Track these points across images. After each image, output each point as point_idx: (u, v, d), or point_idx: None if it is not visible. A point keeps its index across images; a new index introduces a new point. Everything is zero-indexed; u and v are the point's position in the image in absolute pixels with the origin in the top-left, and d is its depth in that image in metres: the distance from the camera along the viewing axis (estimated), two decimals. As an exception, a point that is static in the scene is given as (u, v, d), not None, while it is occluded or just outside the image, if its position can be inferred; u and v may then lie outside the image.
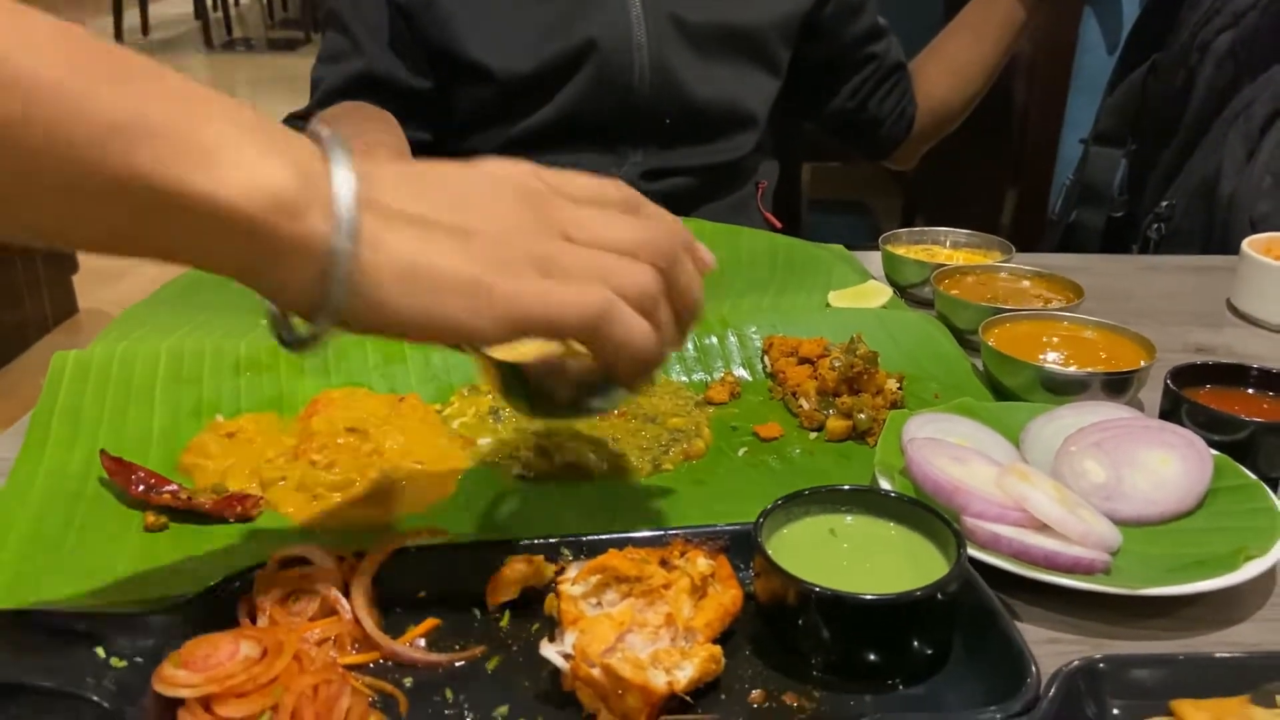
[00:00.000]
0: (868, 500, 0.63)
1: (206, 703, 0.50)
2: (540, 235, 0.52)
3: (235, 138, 0.47)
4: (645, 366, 0.55)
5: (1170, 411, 0.80)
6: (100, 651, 0.52)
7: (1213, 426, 0.76)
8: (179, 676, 0.50)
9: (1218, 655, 0.56)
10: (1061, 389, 0.84)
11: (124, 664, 0.52)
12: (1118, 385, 0.84)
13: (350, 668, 0.55)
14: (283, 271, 0.48)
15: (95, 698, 0.48)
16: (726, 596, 0.57)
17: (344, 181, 0.48)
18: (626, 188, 0.57)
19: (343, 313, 0.49)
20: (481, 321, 0.50)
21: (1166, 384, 0.80)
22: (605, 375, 0.57)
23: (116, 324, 0.98)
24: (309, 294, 0.49)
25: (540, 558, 0.60)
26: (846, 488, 0.63)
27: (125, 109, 0.44)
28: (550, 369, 0.60)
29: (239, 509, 0.69)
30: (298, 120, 1.25)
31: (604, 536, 0.62)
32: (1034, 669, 0.51)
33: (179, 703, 0.50)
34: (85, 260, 3.31)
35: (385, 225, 0.49)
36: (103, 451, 0.72)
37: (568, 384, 0.61)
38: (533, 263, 0.51)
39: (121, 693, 0.49)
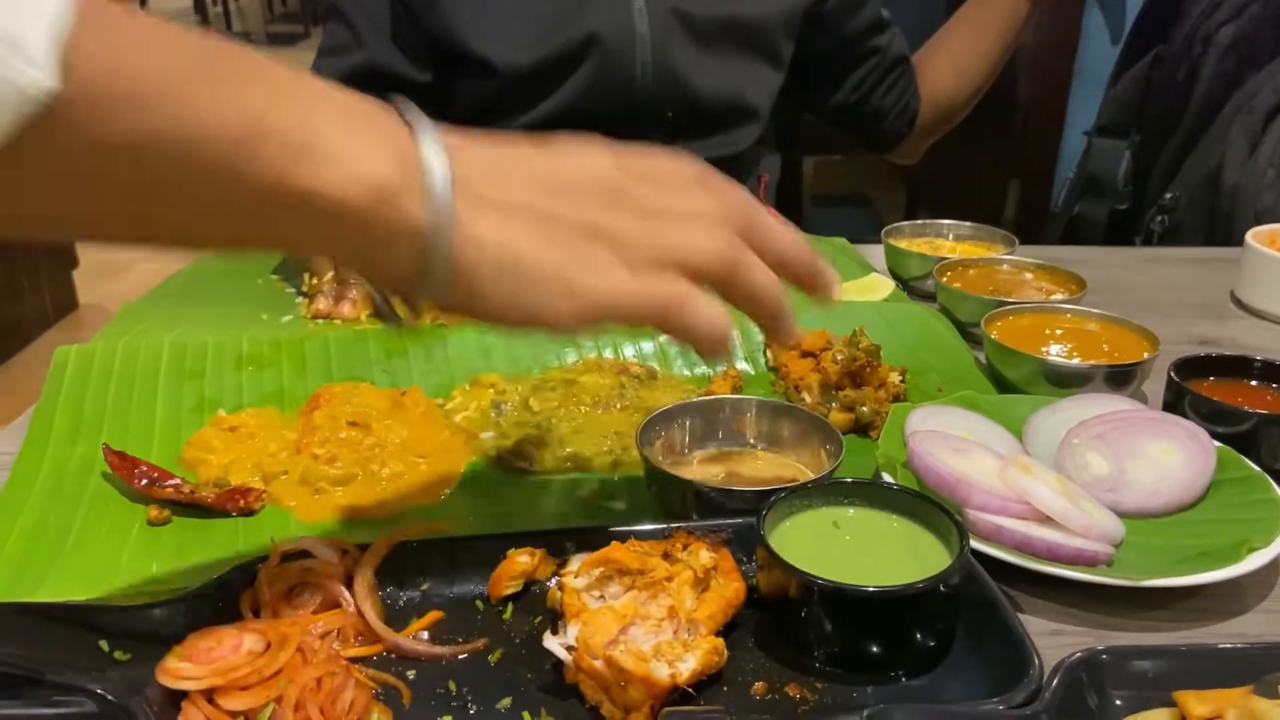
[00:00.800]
0: (870, 493, 0.63)
1: (210, 695, 0.50)
2: (619, 219, 0.54)
3: (335, 128, 0.48)
4: (719, 346, 0.56)
5: (1173, 403, 0.80)
6: (104, 644, 0.52)
7: (1216, 418, 0.75)
8: (183, 669, 0.51)
9: (1220, 646, 0.56)
10: (1064, 381, 0.84)
11: (128, 657, 0.52)
12: (1121, 377, 0.83)
13: (353, 660, 0.55)
14: (387, 255, 0.50)
15: (99, 690, 0.48)
16: (729, 589, 0.57)
17: (437, 164, 0.49)
18: (698, 164, 0.58)
19: (441, 295, 0.51)
20: (561, 315, 0.52)
21: (1170, 376, 0.80)
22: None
23: (118, 319, 0.98)
24: (411, 276, 0.50)
25: (543, 551, 0.60)
26: (849, 480, 0.63)
27: (244, 116, 0.45)
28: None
29: (241, 503, 0.69)
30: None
31: (606, 529, 0.62)
32: (1036, 660, 0.51)
33: (183, 695, 0.50)
34: (85, 256, 3.31)
35: (475, 210, 0.50)
36: (106, 446, 0.72)
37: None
38: (613, 248, 0.53)
39: (125, 685, 0.49)
